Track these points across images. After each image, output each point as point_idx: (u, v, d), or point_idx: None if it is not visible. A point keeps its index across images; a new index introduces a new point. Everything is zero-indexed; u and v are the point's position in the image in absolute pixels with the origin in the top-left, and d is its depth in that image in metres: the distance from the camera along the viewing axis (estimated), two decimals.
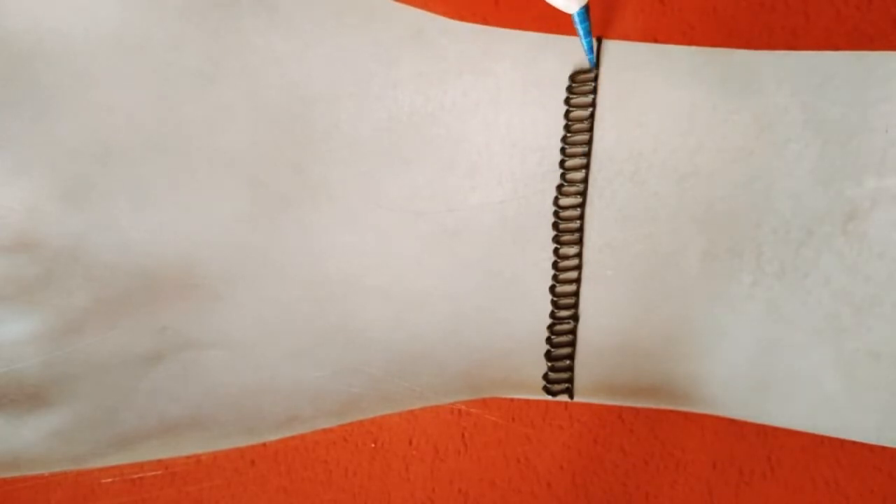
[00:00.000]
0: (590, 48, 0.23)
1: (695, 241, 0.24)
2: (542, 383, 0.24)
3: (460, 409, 0.25)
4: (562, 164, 0.24)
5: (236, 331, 0.24)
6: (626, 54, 0.24)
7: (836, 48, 0.23)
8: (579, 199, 0.24)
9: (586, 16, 0.22)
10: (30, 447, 0.24)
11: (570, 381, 0.24)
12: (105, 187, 0.24)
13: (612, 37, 0.24)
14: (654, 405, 0.24)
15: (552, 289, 0.24)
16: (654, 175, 0.24)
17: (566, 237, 0.24)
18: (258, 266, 0.24)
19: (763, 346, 0.23)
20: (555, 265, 0.24)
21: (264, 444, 0.25)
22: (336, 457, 0.25)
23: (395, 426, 0.25)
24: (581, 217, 0.24)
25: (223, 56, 0.24)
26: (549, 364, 0.24)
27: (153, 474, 0.25)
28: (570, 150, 0.24)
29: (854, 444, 0.23)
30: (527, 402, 0.25)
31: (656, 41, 0.24)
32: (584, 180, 0.24)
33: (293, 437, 0.25)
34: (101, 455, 0.24)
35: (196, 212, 0.24)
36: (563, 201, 0.24)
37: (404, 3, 0.24)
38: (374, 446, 0.25)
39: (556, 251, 0.24)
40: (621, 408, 0.24)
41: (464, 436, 0.25)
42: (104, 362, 0.24)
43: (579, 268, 0.24)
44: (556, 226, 0.24)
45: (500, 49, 0.24)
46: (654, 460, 0.24)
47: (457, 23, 0.24)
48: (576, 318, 0.24)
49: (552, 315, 0.24)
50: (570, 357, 0.24)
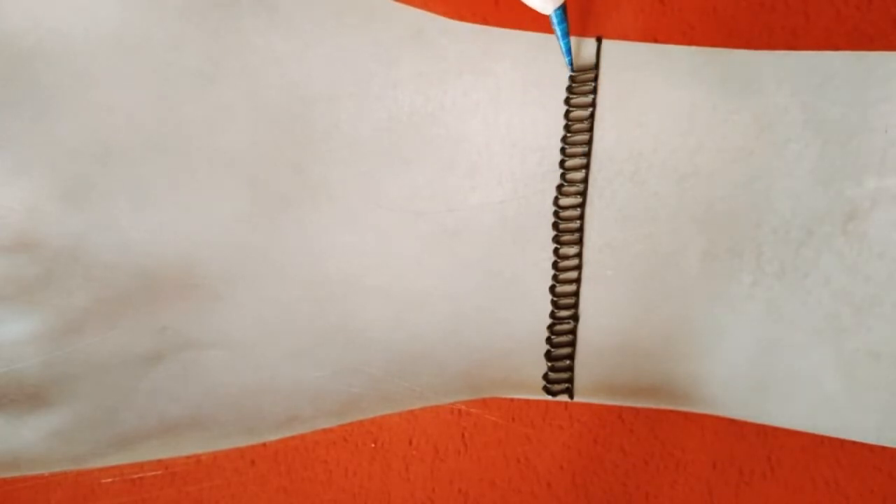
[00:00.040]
0: (567, 50, 0.23)
1: (695, 241, 0.24)
2: (542, 383, 0.24)
3: (460, 409, 0.25)
4: (562, 164, 0.24)
5: (236, 331, 0.24)
6: (626, 54, 0.24)
7: (836, 48, 0.23)
8: (579, 199, 0.24)
9: (564, 17, 0.22)
10: (30, 447, 0.24)
11: (570, 381, 0.24)
12: (105, 187, 0.24)
13: (612, 37, 0.24)
14: (654, 405, 0.24)
15: (552, 289, 0.24)
16: (654, 175, 0.24)
17: (566, 237, 0.24)
18: (258, 266, 0.24)
19: (763, 346, 0.23)
20: (555, 265, 0.24)
21: (264, 444, 0.25)
22: (336, 457, 0.25)
23: (395, 426, 0.25)
24: (581, 217, 0.24)
25: (223, 56, 0.24)
26: (549, 364, 0.24)
27: (153, 474, 0.25)
28: (570, 150, 0.24)
29: (854, 444, 0.23)
30: (527, 402, 0.25)
31: (656, 41, 0.24)
32: (584, 180, 0.24)
33: (293, 437, 0.25)
34: (101, 455, 0.24)
35: (196, 212, 0.24)
36: (563, 201, 0.24)
37: (404, 3, 0.24)
38: (374, 446, 0.25)
39: (556, 251, 0.24)
40: (621, 408, 0.24)
41: (464, 436, 0.25)
42: (104, 362, 0.24)
43: (579, 268, 0.24)
44: (556, 226, 0.24)
45: (500, 49, 0.24)
46: (654, 460, 0.24)
47: (457, 23, 0.24)
48: (576, 318, 0.24)
49: (552, 315, 0.24)
50: (570, 357, 0.24)
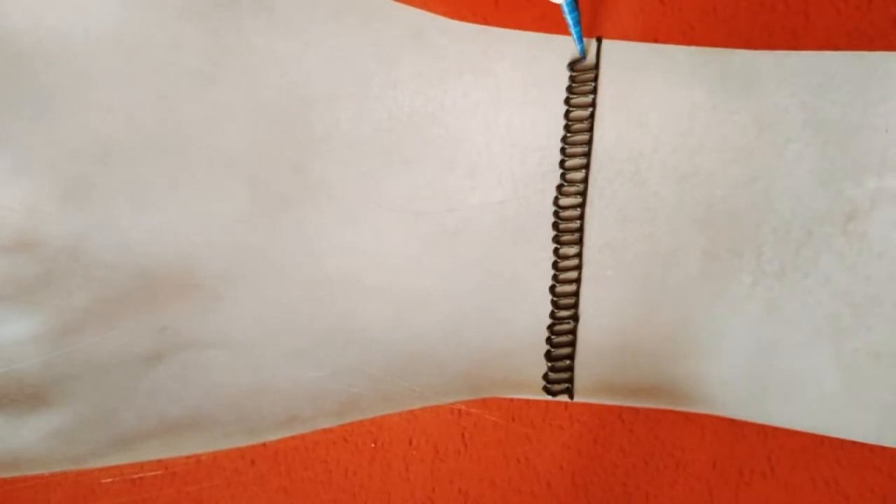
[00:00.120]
0: (579, 38, 0.23)
1: (695, 241, 0.24)
2: (542, 383, 0.24)
3: (460, 409, 0.25)
4: (562, 164, 0.24)
5: (236, 331, 0.24)
6: (626, 54, 0.24)
7: (836, 48, 0.23)
8: (579, 199, 0.24)
9: (575, 5, 0.22)
10: (30, 447, 0.24)
11: (570, 381, 0.24)
12: (105, 187, 0.24)
13: (612, 37, 0.24)
14: (654, 405, 0.24)
15: (552, 289, 0.24)
16: (654, 175, 0.24)
17: (566, 237, 0.24)
18: (258, 266, 0.24)
19: (763, 346, 0.23)
20: (555, 265, 0.24)
21: (264, 444, 0.25)
22: (336, 457, 0.25)
23: (395, 426, 0.25)
24: (581, 217, 0.24)
25: (223, 56, 0.24)
26: (549, 364, 0.24)
27: (153, 474, 0.25)
28: (570, 150, 0.24)
29: (854, 444, 0.23)
30: (527, 402, 0.25)
31: (656, 41, 0.24)
32: (584, 180, 0.24)
33: (293, 437, 0.25)
34: (101, 455, 0.24)
35: (196, 212, 0.24)
36: (563, 201, 0.24)
37: (404, 3, 0.24)
38: (374, 446, 0.25)
39: (556, 251, 0.24)
40: (621, 408, 0.24)
41: (464, 436, 0.25)
42: (104, 362, 0.24)
43: (579, 268, 0.24)
44: (556, 226, 0.24)
45: (500, 49, 0.24)
46: (654, 460, 0.24)
47: (457, 23, 0.24)
48: (576, 318, 0.24)
49: (552, 315, 0.24)
50: (570, 357, 0.24)
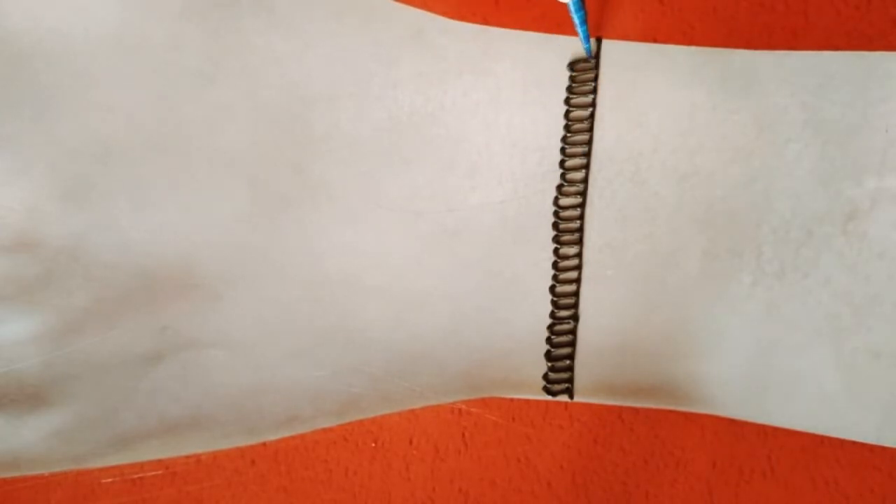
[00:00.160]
0: (586, 37, 0.23)
1: (695, 241, 0.24)
2: (542, 383, 0.24)
3: (460, 409, 0.25)
4: (562, 164, 0.24)
5: (236, 331, 0.24)
6: (626, 54, 0.24)
7: (836, 48, 0.23)
8: (579, 199, 0.24)
9: (581, 4, 0.22)
10: (30, 447, 0.24)
11: (570, 381, 0.24)
12: (105, 187, 0.24)
13: (612, 37, 0.24)
14: (654, 405, 0.24)
15: (552, 289, 0.24)
16: (654, 175, 0.24)
17: (566, 237, 0.24)
18: (258, 266, 0.24)
19: (763, 346, 0.23)
20: (555, 265, 0.24)
21: (264, 444, 0.25)
22: (336, 456, 0.25)
23: (395, 426, 0.25)
24: (581, 217, 0.24)
25: (223, 56, 0.24)
26: (549, 364, 0.24)
27: (153, 474, 0.25)
28: (570, 150, 0.24)
29: (854, 444, 0.23)
30: (527, 402, 0.25)
31: (656, 41, 0.24)
32: (584, 180, 0.24)
33: (293, 437, 0.25)
34: (101, 455, 0.24)
35: (196, 212, 0.24)
36: (563, 201, 0.24)
37: (404, 3, 0.24)
38: (374, 446, 0.25)
39: (556, 251, 0.24)
40: (621, 408, 0.24)
41: (464, 435, 0.25)
42: (104, 362, 0.24)
43: (579, 268, 0.24)
44: (556, 226, 0.24)
45: (500, 49, 0.24)
46: (654, 460, 0.24)
47: (457, 23, 0.24)
48: (576, 318, 0.24)
49: (552, 315, 0.24)
50: (570, 357, 0.24)
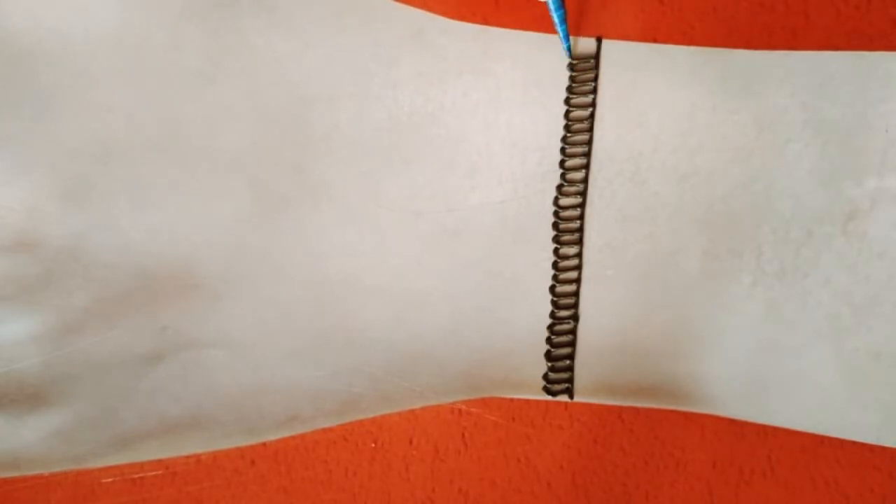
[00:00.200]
0: (565, 36, 0.23)
1: (695, 241, 0.24)
2: (542, 383, 0.24)
3: (460, 409, 0.25)
4: (562, 164, 0.24)
5: (236, 331, 0.24)
6: (626, 54, 0.24)
7: (836, 48, 0.23)
8: (579, 199, 0.24)
9: (561, 3, 0.22)
10: (30, 447, 0.24)
11: (570, 381, 0.24)
12: (105, 187, 0.24)
13: (612, 37, 0.24)
14: (654, 405, 0.24)
15: (552, 289, 0.24)
16: (654, 175, 0.24)
17: (566, 237, 0.24)
18: (258, 266, 0.24)
19: (763, 346, 0.23)
20: (555, 265, 0.24)
21: (264, 444, 0.25)
22: (336, 456, 0.25)
23: (395, 426, 0.25)
24: (581, 217, 0.24)
25: (223, 56, 0.24)
26: (549, 364, 0.24)
27: (153, 474, 0.25)
28: (570, 150, 0.24)
29: (854, 444, 0.23)
30: (527, 402, 0.25)
31: (656, 41, 0.24)
32: (584, 180, 0.24)
33: (293, 437, 0.25)
34: (101, 455, 0.24)
35: (196, 212, 0.24)
36: (563, 201, 0.24)
37: (404, 3, 0.24)
38: (374, 446, 0.25)
39: (556, 251, 0.24)
40: (621, 408, 0.24)
41: (464, 435, 0.25)
42: (104, 362, 0.24)
43: (579, 268, 0.24)
44: (556, 226, 0.24)
45: (500, 49, 0.24)
46: (654, 460, 0.24)
47: (457, 23, 0.24)
48: (576, 318, 0.24)
49: (552, 315, 0.24)
50: (570, 357, 0.24)
